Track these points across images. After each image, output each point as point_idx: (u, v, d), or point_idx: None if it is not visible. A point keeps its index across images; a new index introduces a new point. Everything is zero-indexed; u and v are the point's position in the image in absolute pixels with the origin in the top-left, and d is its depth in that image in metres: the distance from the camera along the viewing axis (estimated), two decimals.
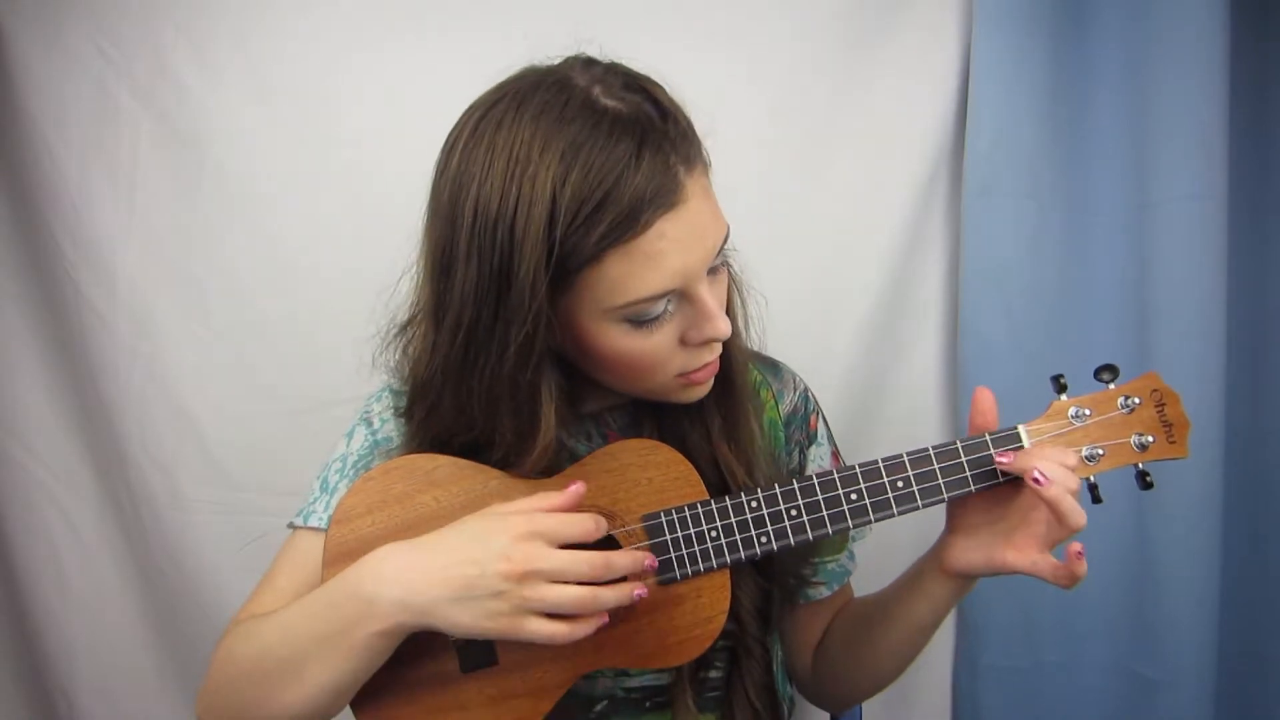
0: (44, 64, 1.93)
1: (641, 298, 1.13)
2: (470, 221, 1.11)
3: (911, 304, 2.03)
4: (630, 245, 1.09)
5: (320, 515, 1.34)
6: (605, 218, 1.07)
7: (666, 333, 1.18)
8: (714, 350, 1.23)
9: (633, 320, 1.16)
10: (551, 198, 1.06)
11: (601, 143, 1.08)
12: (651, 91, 1.15)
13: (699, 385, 1.26)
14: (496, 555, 1.09)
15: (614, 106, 1.11)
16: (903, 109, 1.97)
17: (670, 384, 1.25)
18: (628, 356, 1.19)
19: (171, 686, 2.12)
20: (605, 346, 1.19)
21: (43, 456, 2.07)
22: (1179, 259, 1.85)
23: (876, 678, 1.42)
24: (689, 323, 1.19)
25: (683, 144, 1.13)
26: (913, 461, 1.22)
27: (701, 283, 1.16)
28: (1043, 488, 1.14)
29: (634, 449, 1.25)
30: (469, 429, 1.23)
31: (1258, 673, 1.97)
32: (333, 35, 1.96)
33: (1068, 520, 1.14)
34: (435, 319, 1.19)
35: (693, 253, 1.13)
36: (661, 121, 1.12)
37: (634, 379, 1.24)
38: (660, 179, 1.09)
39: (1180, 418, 1.26)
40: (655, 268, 1.11)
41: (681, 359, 1.22)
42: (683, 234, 1.11)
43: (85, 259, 1.98)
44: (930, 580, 1.29)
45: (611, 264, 1.10)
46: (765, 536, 1.22)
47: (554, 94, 1.12)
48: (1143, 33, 1.85)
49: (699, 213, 1.13)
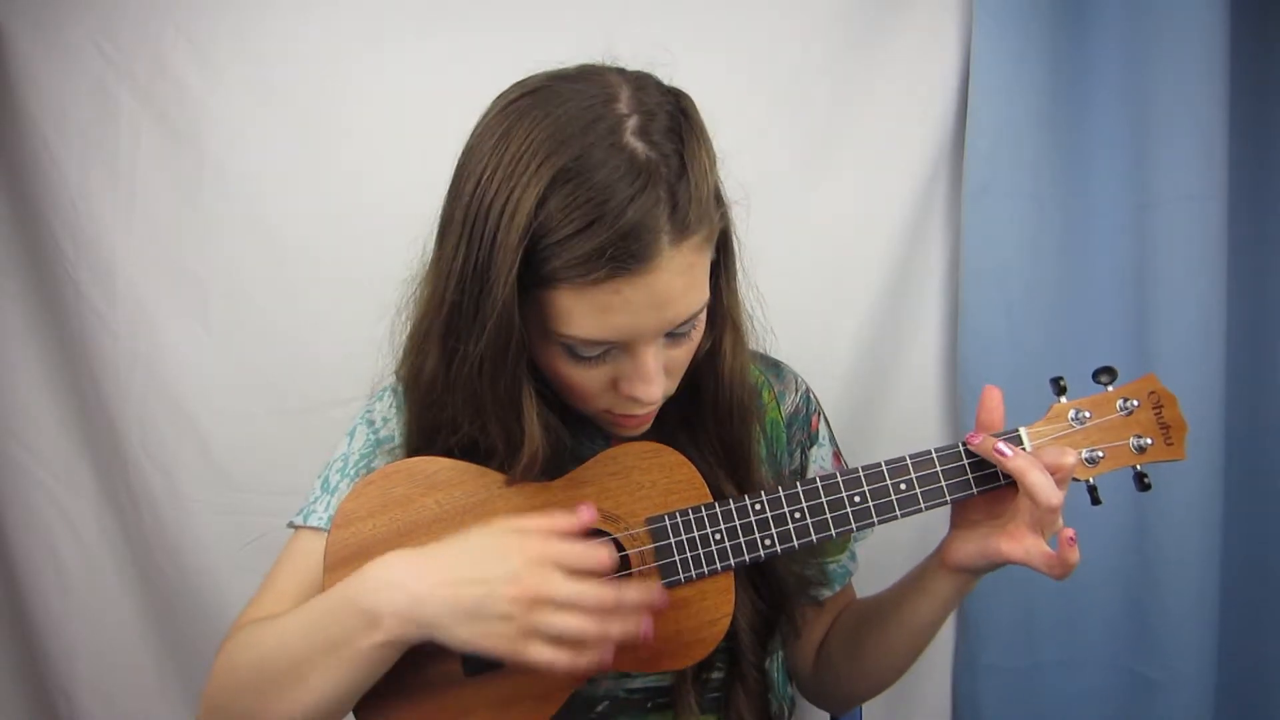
0: (44, 64, 1.93)
1: (578, 337, 1.13)
2: (466, 202, 1.12)
3: (912, 304, 2.03)
4: (581, 288, 1.08)
5: (321, 515, 1.34)
6: (568, 254, 1.06)
7: (599, 372, 1.19)
8: (643, 407, 1.22)
9: (568, 349, 1.16)
10: (531, 211, 1.06)
11: (598, 179, 1.06)
12: (690, 145, 1.12)
13: (628, 429, 1.27)
14: (507, 577, 1.07)
15: (636, 149, 1.08)
16: (903, 109, 1.97)
17: (601, 416, 1.26)
18: (561, 378, 1.21)
19: (171, 686, 2.12)
20: (544, 362, 1.20)
21: (43, 456, 2.06)
22: (1179, 259, 1.85)
23: (878, 678, 1.43)
24: (622, 374, 1.18)
25: (685, 213, 1.10)
26: (915, 464, 1.22)
27: (649, 345, 1.15)
28: (1006, 460, 1.16)
29: (637, 452, 1.25)
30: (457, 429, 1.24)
31: (1258, 673, 1.97)
32: (333, 35, 1.96)
33: (1038, 495, 1.15)
34: (434, 274, 1.20)
35: (643, 318, 1.12)
36: (674, 183, 1.09)
37: (568, 398, 1.26)
38: (637, 242, 1.06)
39: (1178, 420, 1.26)
40: (599, 318, 1.11)
41: (609, 400, 1.22)
42: (640, 298, 1.10)
43: (85, 259, 1.98)
44: (931, 577, 1.29)
45: (563, 295, 1.10)
46: (769, 539, 1.22)
47: (587, 108, 1.10)
48: (1143, 32, 1.85)
49: (666, 286, 1.10)
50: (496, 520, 1.15)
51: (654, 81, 1.18)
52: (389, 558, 1.13)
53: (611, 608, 1.09)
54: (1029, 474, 1.15)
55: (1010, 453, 1.17)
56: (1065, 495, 1.18)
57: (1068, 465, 1.17)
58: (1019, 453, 1.17)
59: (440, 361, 1.21)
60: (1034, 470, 1.15)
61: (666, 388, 1.24)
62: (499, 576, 1.07)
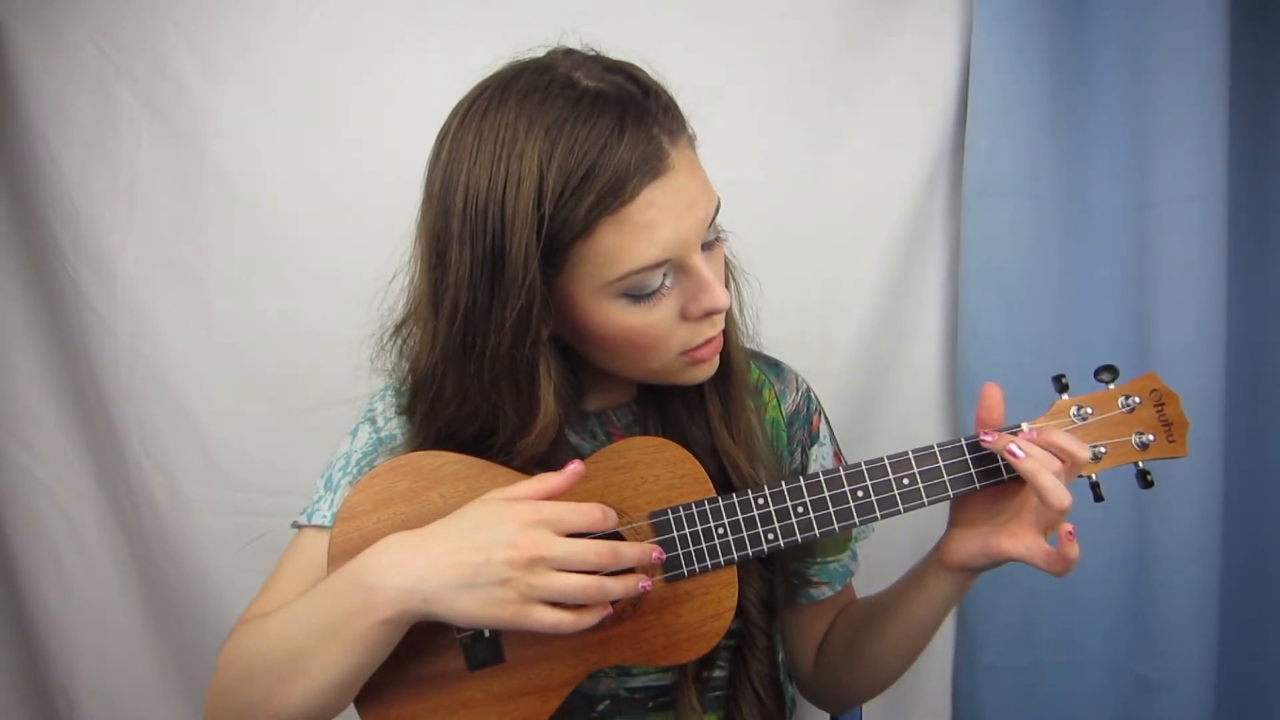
0: (44, 64, 1.93)
1: (637, 268, 1.13)
2: (462, 208, 1.12)
3: (911, 304, 2.03)
4: (620, 215, 1.10)
5: (324, 514, 1.34)
6: (593, 188, 1.08)
7: (666, 307, 1.18)
8: (716, 325, 1.23)
9: (631, 295, 1.16)
10: (539, 173, 1.08)
11: (584, 118, 1.09)
12: (632, 72, 1.17)
13: (704, 363, 1.26)
14: (502, 542, 1.08)
15: (595, 86, 1.12)
16: (903, 109, 1.98)
17: (674, 363, 1.25)
18: (630, 334, 1.20)
19: (172, 686, 2.12)
20: (607, 325, 1.19)
21: (43, 456, 2.06)
22: (1179, 259, 1.85)
23: (877, 678, 1.43)
24: (687, 296, 1.19)
25: (665, 117, 1.14)
26: (918, 459, 1.22)
27: (696, 254, 1.17)
28: (1019, 461, 1.16)
29: (641, 447, 1.25)
30: (472, 418, 1.23)
31: (1258, 673, 1.97)
32: (333, 35, 1.96)
33: (1049, 497, 1.14)
34: (433, 309, 1.20)
35: (684, 221, 1.14)
36: (643, 97, 1.14)
37: (638, 359, 1.24)
38: (644, 148, 1.10)
39: (1179, 417, 1.26)
40: (647, 237, 1.12)
41: (684, 334, 1.22)
42: (672, 202, 1.12)
43: (85, 259, 1.98)
44: (931, 576, 1.29)
45: (603, 236, 1.11)
46: (772, 534, 1.22)
47: (536, 78, 1.14)
48: (1143, 33, 1.85)
49: (687, 182, 1.14)
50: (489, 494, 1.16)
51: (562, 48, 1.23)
52: (389, 539, 1.14)
53: (608, 563, 1.11)
54: (1041, 476, 1.15)
55: (1023, 454, 1.16)
56: None
57: (1078, 456, 1.17)
58: (1031, 453, 1.17)
59: (459, 379, 1.21)
60: (1045, 471, 1.15)
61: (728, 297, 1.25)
62: (493, 542, 1.08)
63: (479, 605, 1.07)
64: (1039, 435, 1.19)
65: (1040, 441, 1.18)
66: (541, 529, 1.09)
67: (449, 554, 1.09)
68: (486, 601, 1.07)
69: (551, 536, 1.09)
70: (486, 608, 1.07)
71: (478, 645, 1.19)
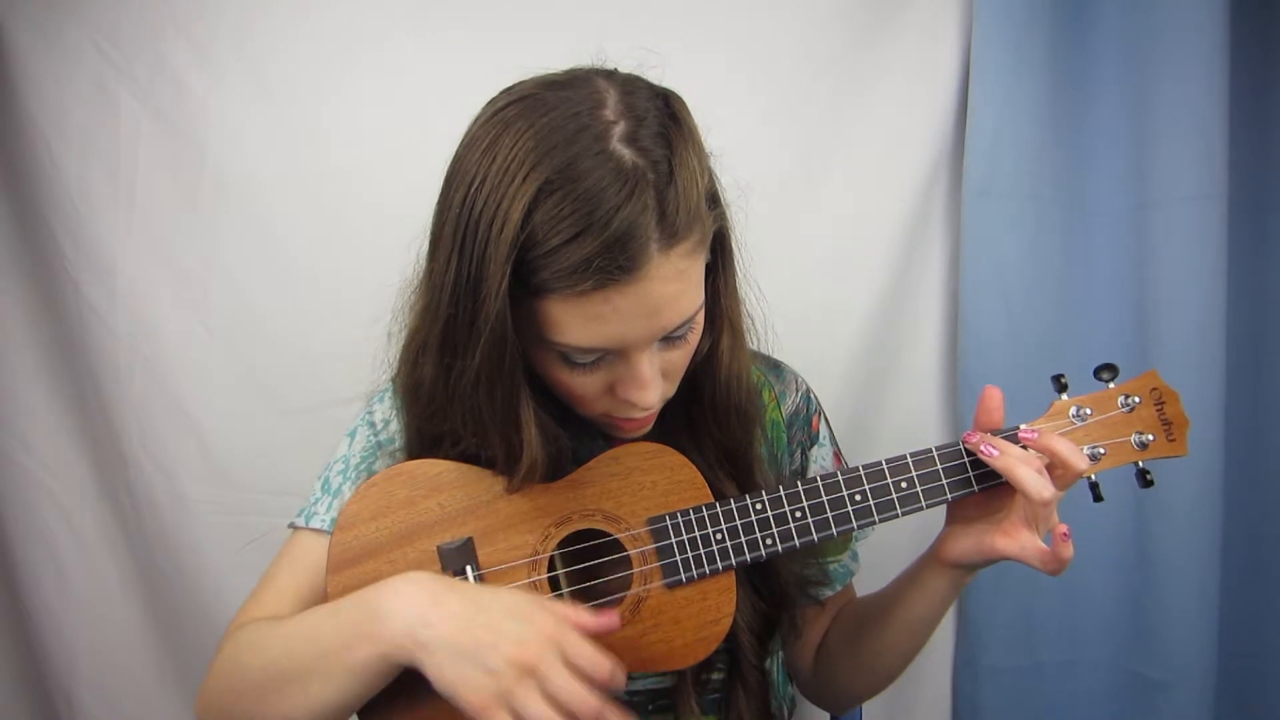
0: (44, 64, 1.93)
1: (571, 345, 1.12)
2: (456, 213, 1.11)
3: (911, 304, 2.03)
4: (571, 299, 1.08)
5: (322, 516, 1.34)
6: (557, 264, 1.06)
7: (596, 378, 1.18)
8: (642, 410, 1.21)
9: (563, 357, 1.16)
10: (520, 221, 1.05)
11: (585, 189, 1.05)
12: (678, 149, 1.11)
13: (628, 432, 1.27)
14: (515, 638, 1.06)
15: (623, 156, 1.07)
16: (903, 109, 1.98)
17: (600, 420, 1.26)
18: (559, 384, 1.20)
19: (171, 686, 2.12)
20: (542, 369, 1.20)
21: (43, 456, 2.06)
22: (1179, 259, 1.85)
23: (876, 676, 1.43)
24: (617, 378, 1.18)
25: (674, 221, 1.09)
26: (916, 462, 1.22)
27: (643, 351, 1.15)
28: (993, 459, 1.17)
29: (639, 452, 1.25)
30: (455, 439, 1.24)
31: (1258, 673, 1.97)
32: (332, 35, 1.96)
33: (1028, 490, 1.15)
34: (427, 286, 1.20)
35: (636, 325, 1.11)
36: (662, 189, 1.08)
37: (568, 403, 1.25)
38: (623, 253, 1.05)
39: (1179, 416, 1.26)
40: (591, 327, 1.10)
41: (607, 404, 1.22)
42: (632, 307, 1.09)
43: (85, 259, 1.98)
44: (927, 573, 1.30)
45: (554, 305, 1.09)
46: (770, 539, 1.22)
47: (573, 116, 1.09)
48: (1143, 32, 1.85)
49: (658, 293, 1.10)
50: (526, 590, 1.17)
51: (644, 84, 1.17)
52: (417, 575, 1.13)
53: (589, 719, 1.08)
54: (1016, 469, 1.16)
55: (996, 451, 1.18)
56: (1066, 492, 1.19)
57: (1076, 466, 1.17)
58: (1005, 449, 1.18)
59: (438, 374, 1.20)
60: (1021, 466, 1.16)
61: (665, 391, 1.23)
62: (509, 634, 1.07)
63: (461, 678, 1.06)
64: (1038, 439, 1.19)
65: (1038, 446, 1.19)
66: (553, 650, 1.07)
67: (464, 618, 1.08)
68: (467, 680, 1.06)
69: (558, 662, 1.07)
70: (464, 685, 1.06)
71: None
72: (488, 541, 1.22)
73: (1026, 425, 1.23)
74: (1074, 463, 1.17)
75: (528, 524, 1.23)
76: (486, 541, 1.22)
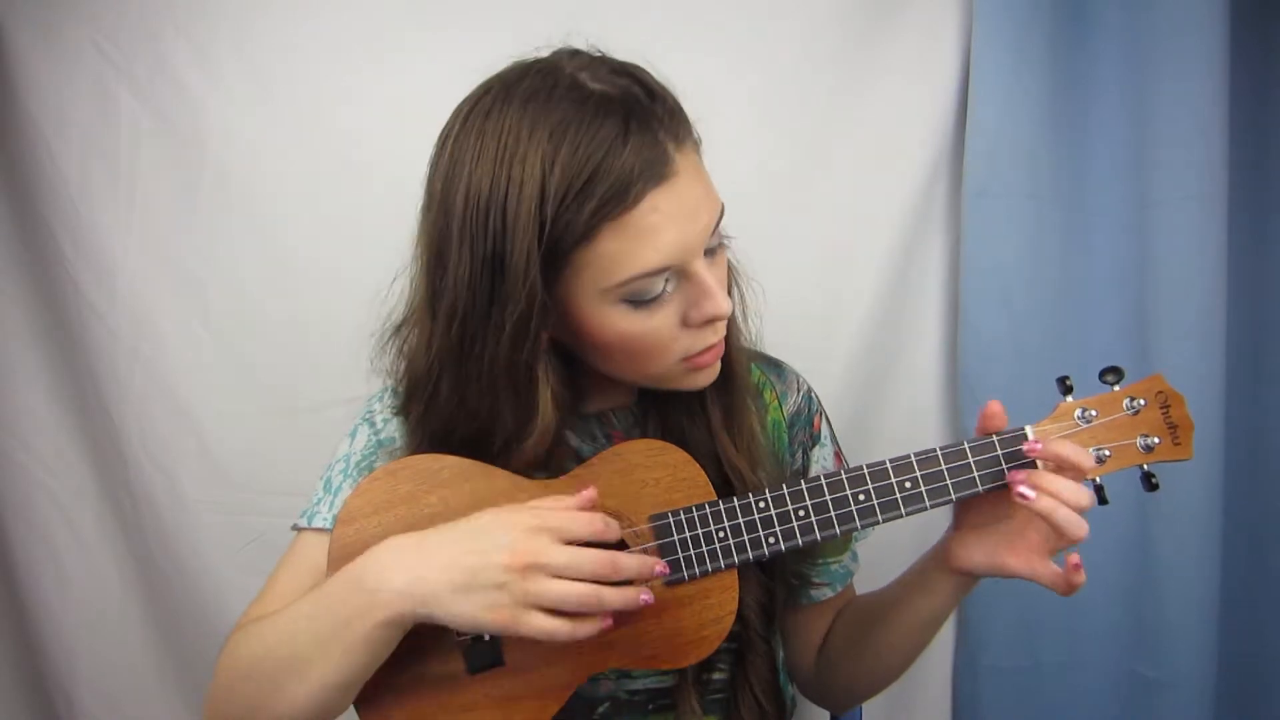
0: (44, 64, 1.93)
1: (638, 274, 1.13)
2: (462, 210, 1.12)
3: (911, 304, 2.03)
4: (623, 220, 1.10)
5: (324, 516, 1.34)
6: (595, 193, 1.08)
7: (667, 313, 1.18)
8: (718, 331, 1.23)
9: (632, 300, 1.16)
10: (541, 177, 1.08)
11: (589, 121, 1.09)
12: (638, 75, 1.17)
13: (705, 369, 1.26)
14: (501, 547, 1.08)
15: (600, 89, 1.12)
16: (902, 109, 1.98)
17: (675, 369, 1.24)
18: (630, 340, 1.19)
19: (171, 686, 2.11)
20: (608, 330, 1.19)
21: (43, 456, 2.06)
22: (1179, 259, 1.85)
23: (879, 675, 1.43)
24: (689, 302, 1.19)
25: (671, 121, 1.14)
26: (920, 462, 1.21)
27: (699, 260, 1.16)
28: (1030, 503, 1.14)
29: (641, 449, 1.25)
30: (469, 420, 1.23)
31: (1258, 673, 1.97)
32: (332, 35, 1.96)
33: (1066, 532, 1.14)
34: (431, 310, 1.20)
35: (687, 228, 1.13)
36: (649, 100, 1.14)
37: (639, 365, 1.24)
38: (649, 153, 1.09)
39: (1185, 419, 1.26)
40: (649, 243, 1.11)
41: (685, 341, 1.21)
42: (675, 208, 1.11)
43: (85, 259, 1.97)
44: (934, 576, 1.29)
45: (605, 240, 1.11)
46: (773, 537, 1.21)
47: (541, 80, 1.14)
48: (1143, 32, 1.85)
49: (691, 188, 1.13)
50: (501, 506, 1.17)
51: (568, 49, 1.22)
52: (389, 541, 1.14)
53: (607, 573, 1.10)
54: (1057, 514, 1.13)
55: (1033, 494, 1.14)
56: None
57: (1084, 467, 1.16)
58: (1042, 491, 1.14)
59: (456, 381, 1.21)
60: (1061, 509, 1.13)
61: None
62: (492, 547, 1.09)
63: (475, 608, 1.08)
64: (1042, 446, 1.18)
65: (1045, 455, 1.18)
66: (542, 536, 1.09)
67: (448, 556, 1.10)
68: (483, 605, 1.08)
69: (551, 544, 1.09)
70: (482, 611, 1.08)
71: (478, 648, 1.19)
72: None
73: (1031, 426, 1.23)
74: (1083, 462, 1.16)
75: None
76: None
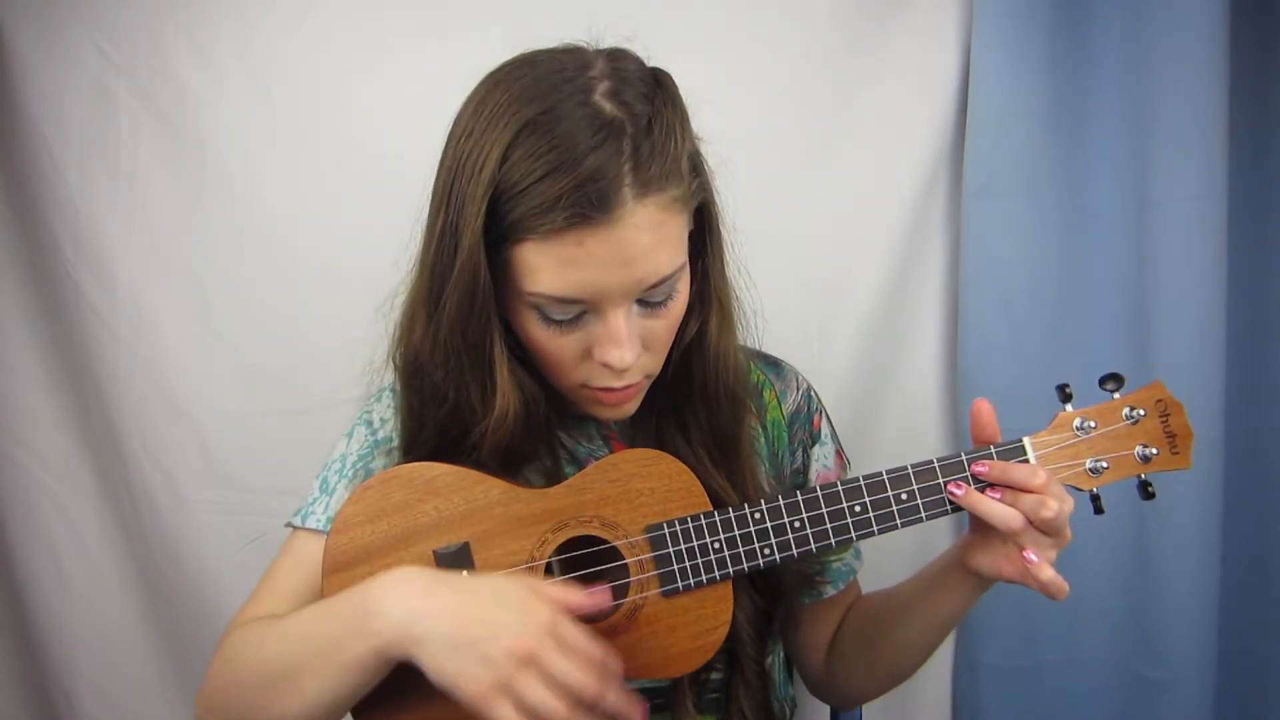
0: (44, 64, 1.93)
1: (544, 294, 1.13)
2: (449, 167, 1.14)
3: (911, 304, 2.02)
4: (548, 240, 1.09)
5: (319, 516, 1.34)
6: (530, 202, 1.07)
7: (574, 340, 1.18)
8: (621, 377, 1.21)
9: (541, 314, 1.16)
10: (496, 164, 1.08)
11: (562, 130, 1.08)
12: (659, 108, 1.14)
13: (609, 406, 1.26)
14: (511, 630, 1.06)
15: (603, 107, 1.11)
16: (903, 109, 1.97)
17: (581, 393, 1.26)
18: (536, 345, 1.21)
19: (171, 686, 2.12)
20: (523, 330, 1.20)
21: (43, 456, 2.06)
22: (1179, 259, 1.85)
23: (894, 672, 1.44)
24: (595, 340, 1.18)
25: (649, 169, 1.10)
26: (917, 474, 1.22)
27: (618, 306, 1.15)
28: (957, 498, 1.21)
29: (636, 459, 1.25)
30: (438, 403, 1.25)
31: (1258, 673, 1.97)
32: (333, 35, 1.95)
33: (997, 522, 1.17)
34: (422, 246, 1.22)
35: (613, 273, 1.12)
36: (639, 139, 1.11)
37: (549, 373, 1.25)
38: (594, 191, 1.07)
39: (1184, 428, 1.26)
40: (562, 272, 1.11)
41: (584, 372, 1.22)
42: (604, 253, 1.10)
43: (85, 259, 1.97)
44: (953, 576, 1.29)
45: (528, 250, 1.11)
46: (768, 548, 1.22)
47: (560, 70, 1.13)
48: (1143, 32, 1.85)
49: (631, 242, 1.10)
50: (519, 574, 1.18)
51: (634, 57, 1.20)
52: (406, 570, 1.13)
53: (591, 698, 1.09)
54: (980, 505, 1.18)
55: (960, 492, 1.20)
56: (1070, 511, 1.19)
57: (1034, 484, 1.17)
58: (967, 490, 1.20)
59: (425, 328, 1.22)
60: (983, 502, 1.18)
61: (646, 364, 1.23)
62: (504, 625, 1.07)
63: (457, 670, 1.06)
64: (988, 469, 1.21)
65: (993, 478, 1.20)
66: (551, 639, 1.08)
67: (458, 611, 1.09)
68: (466, 671, 1.06)
69: (555, 650, 1.07)
70: (462, 678, 1.06)
71: None
72: (484, 546, 1.22)
73: (1029, 438, 1.23)
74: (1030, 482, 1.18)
75: (525, 529, 1.23)
76: (483, 546, 1.22)
